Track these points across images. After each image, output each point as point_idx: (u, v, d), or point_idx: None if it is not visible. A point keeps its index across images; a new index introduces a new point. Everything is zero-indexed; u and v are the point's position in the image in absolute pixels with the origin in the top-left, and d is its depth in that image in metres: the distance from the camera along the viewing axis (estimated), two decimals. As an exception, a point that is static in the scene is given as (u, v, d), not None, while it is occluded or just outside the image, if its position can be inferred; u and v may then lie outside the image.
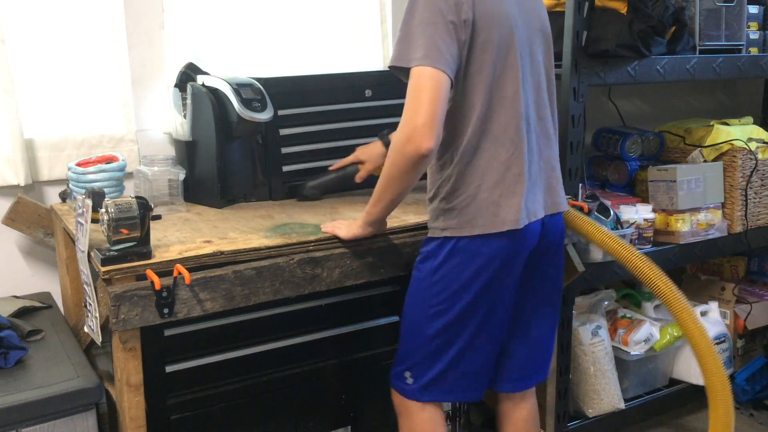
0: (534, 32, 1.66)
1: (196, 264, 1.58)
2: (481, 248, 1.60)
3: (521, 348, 1.81)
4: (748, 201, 2.59)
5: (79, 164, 1.94)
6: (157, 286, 1.49)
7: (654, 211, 2.47)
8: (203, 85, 2.06)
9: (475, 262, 1.60)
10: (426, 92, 1.46)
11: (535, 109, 1.66)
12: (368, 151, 2.07)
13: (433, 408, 1.75)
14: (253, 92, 2.03)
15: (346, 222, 1.76)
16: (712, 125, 2.66)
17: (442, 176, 1.62)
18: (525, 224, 1.61)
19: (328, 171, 2.14)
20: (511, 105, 1.59)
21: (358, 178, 2.09)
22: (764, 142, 2.64)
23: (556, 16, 2.23)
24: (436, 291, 1.64)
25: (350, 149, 2.13)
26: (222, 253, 1.62)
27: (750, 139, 2.61)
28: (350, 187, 2.14)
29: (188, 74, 2.16)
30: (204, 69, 2.19)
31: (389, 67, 1.56)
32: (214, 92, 2.02)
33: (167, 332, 1.70)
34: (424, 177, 1.65)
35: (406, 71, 1.51)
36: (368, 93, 2.28)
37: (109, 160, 1.97)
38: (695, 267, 3.06)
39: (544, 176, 1.70)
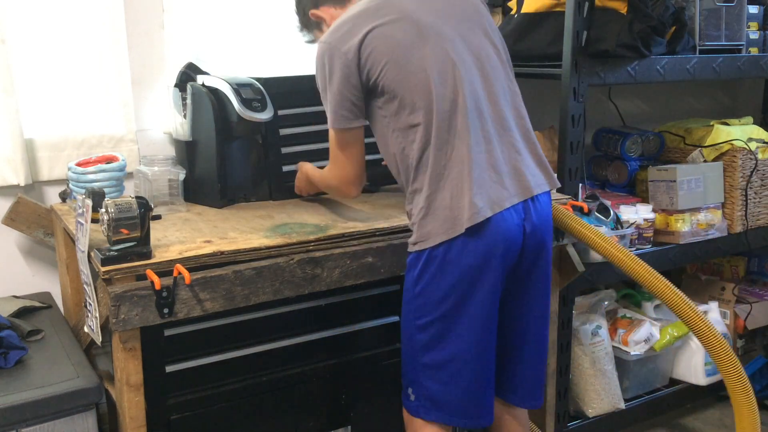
0: (463, 23, 1.67)
1: (196, 264, 1.58)
2: (450, 255, 1.58)
3: (516, 362, 1.77)
4: (748, 201, 2.59)
5: (79, 164, 1.94)
6: (157, 286, 1.49)
7: (654, 211, 2.47)
8: (203, 85, 2.06)
9: (448, 269, 1.59)
10: (347, 149, 1.71)
11: (487, 96, 1.65)
12: None
13: (437, 428, 1.70)
14: (253, 92, 2.03)
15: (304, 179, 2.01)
16: (712, 125, 2.66)
17: (406, 194, 1.67)
18: (486, 216, 1.56)
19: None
20: (448, 107, 1.59)
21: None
22: (764, 142, 2.64)
23: (556, 16, 2.23)
24: (420, 303, 1.63)
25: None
26: (222, 253, 1.62)
27: (750, 139, 2.61)
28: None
29: (188, 74, 2.16)
30: (204, 69, 2.19)
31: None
32: (214, 92, 2.02)
33: (167, 332, 1.70)
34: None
35: None
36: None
37: (109, 160, 1.97)
38: (695, 267, 3.06)
39: (510, 162, 1.65)
